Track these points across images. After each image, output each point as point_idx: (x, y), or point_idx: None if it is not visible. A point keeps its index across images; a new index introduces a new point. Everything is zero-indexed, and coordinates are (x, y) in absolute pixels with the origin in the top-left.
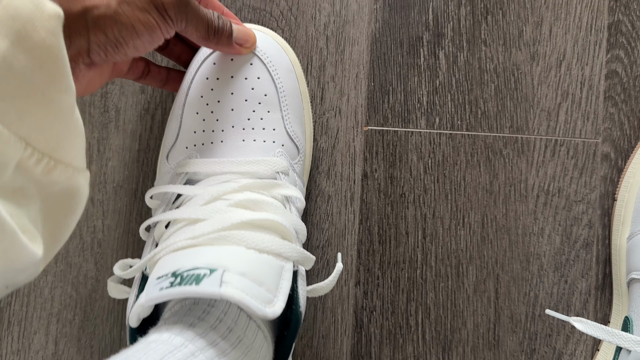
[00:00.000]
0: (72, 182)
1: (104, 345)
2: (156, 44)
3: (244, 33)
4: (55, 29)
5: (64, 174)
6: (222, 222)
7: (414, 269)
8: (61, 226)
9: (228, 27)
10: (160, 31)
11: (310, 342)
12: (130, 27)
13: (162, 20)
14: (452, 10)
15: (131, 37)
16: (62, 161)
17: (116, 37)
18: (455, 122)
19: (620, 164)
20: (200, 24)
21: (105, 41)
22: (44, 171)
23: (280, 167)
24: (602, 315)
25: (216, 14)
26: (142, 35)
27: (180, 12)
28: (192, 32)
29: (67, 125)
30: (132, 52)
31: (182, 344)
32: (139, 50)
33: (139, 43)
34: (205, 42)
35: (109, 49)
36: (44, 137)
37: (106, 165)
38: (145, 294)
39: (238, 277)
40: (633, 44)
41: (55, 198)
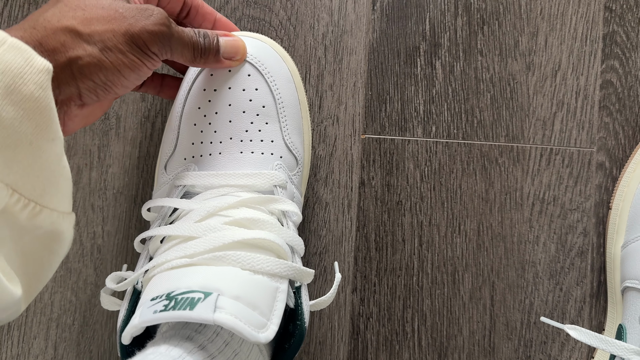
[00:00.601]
0: (56, 226)
1: (102, 350)
2: (145, 78)
3: (231, 46)
4: (44, 83)
5: (49, 219)
6: (216, 241)
7: (410, 276)
8: (43, 267)
9: (215, 44)
10: (146, 67)
11: (307, 349)
12: (115, 71)
13: (146, 58)
14: (449, 20)
15: (118, 79)
16: (48, 206)
17: (103, 82)
18: (451, 131)
19: (615, 172)
20: (186, 50)
21: (94, 86)
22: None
23: (278, 181)
24: (596, 322)
25: (202, 32)
26: (128, 75)
27: (164, 46)
28: (178, 58)
29: (53, 173)
30: (122, 91)
31: (179, 356)
32: (129, 88)
33: (127, 82)
34: (192, 64)
35: (99, 92)
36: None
37: (106, 172)
38: (139, 316)
39: (232, 302)
40: (628, 54)
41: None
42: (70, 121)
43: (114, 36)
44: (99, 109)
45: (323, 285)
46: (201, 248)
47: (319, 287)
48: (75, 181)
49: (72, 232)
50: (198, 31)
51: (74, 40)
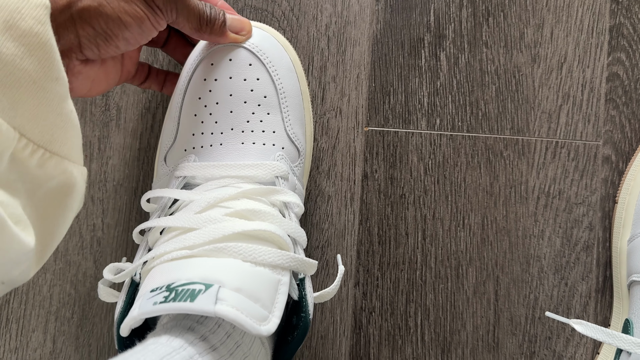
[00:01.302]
0: (68, 176)
1: (102, 343)
2: (148, 36)
3: (238, 21)
4: (42, 18)
5: (59, 167)
6: (216, 233)
7: (414, 270)
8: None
9: (221, 16)
10: (150, 22)
11: (308, 343)
12: (116, 18)
13: (149, 11)
14: (454, 12)
15: (119, 29)
16: (58, 153)
17: (104, 30)
18: (455, 124)
19: (621, 166)
20: (192, 15)
21: (94, 34)
22: (38, 163)
23: (280, 172)
24: (602, 318)
25: (208, 4)
26: (130, 26)
27: (168, 2)
28: (183, 24)
29: (60, 116)
30: (123, 45)
31: (180, 346)
32: (131, 43)
33: (129, 35)
34: (198, 34)
35: (99, 42)
36: (39, 128)
37: (107, 163)
38: (139, 307)
39: (233, 294)
40: (634, 46)
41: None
42: (74, 78)
43: None
44: (103, 77)
45: (325, 279)
46: (201, 239)
47: (321, 280)
48: None
49: (84, 186)
50: (204, 3)
51: None
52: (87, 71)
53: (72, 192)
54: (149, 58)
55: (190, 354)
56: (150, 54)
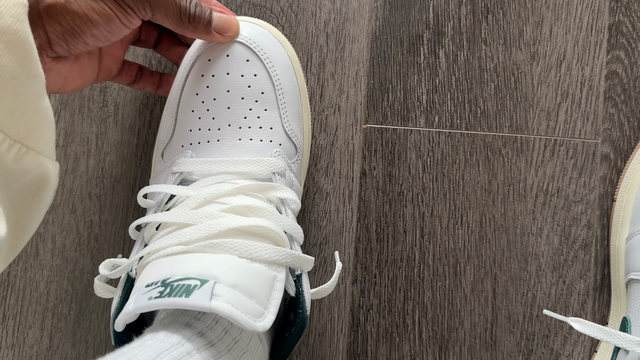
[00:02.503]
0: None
1: (99, 340)
2: (119, 34)
3: (224, 21)
4: (20, 15)
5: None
6: (212, 229)
7: (412, 267)
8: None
9: (207, 14)
10: (119, 20)
11: (306, 340)
12: (83, 15)
13: (119, 10)
14: (453, 9)
15: (86, 26)
16: (34, 148)
17: (71, 26)
18: (454, 121)
19: (619, 164)
20: (170, 11)
21: (62, 30)
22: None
23: (277, 168)
24: (600, 316)
25: (194, 1)
26: (97, 24)
27: (140, 1)
28: (162, 20)
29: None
30: (92, 41)
31: (178, 342)
32: (100, 40)
33: (98, 32)
34: (180, 30)
35: (67, 38)
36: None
37: (104, 159)
38: (134, 302)
39: (229, 290)
40: (634, 45)
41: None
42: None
43: None
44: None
45: (323, 276)
46: (197, 235)
47: (318, 278)
48: (73, 169)
49: (57, 180)
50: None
51: None
52: (58, 68)
53: (47, 186)
54: (146, 58)
55: (187, 349)
56: (151, 55)
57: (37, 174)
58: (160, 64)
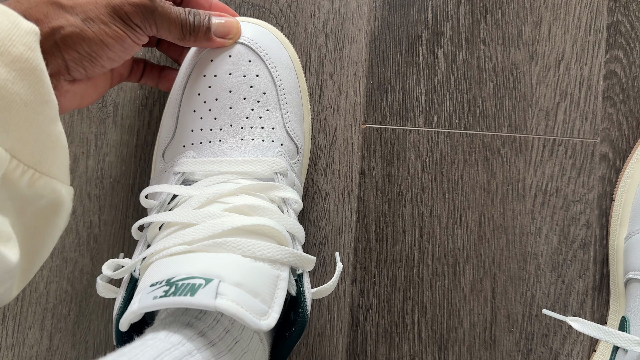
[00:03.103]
0: (56, 195)
1: (98, 340)
2: (132, 52)
3: (223, 26)
4: (32, 44)
5: (49, 187)
6: (215, 228)
7: (411, 267)
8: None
9: (205, 22)
10: (130, 39)
11: (305, 340)
12: (98, 41)
13: (129, 30)
14: (452, 9)
15: (102, 50)
16: (47, 174)
17: (88, 53)
18: (453, 121)
19: (618, 164)
20: (173, 26)
21: (79, 57)
22: (29, 183)
23: (279, 168)
24: (599, 316)
25: (192, 11)
26: (112, 47)
27: (146, 19)
28: (166, 35)
29: (50, 137)
30: (108, 64)
31: (179, 342)
32: (115, 61)
33: (112, 54)
34: (183, 42)
35: (85, 64)
36: (29, 150)
37: (103, 160)
38: (139, 302)
39: (233, 289)
40: (632, 44)
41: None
42: (62, 97)
43: (96, 7)
44: (92, 90)
45: (323, 276)
46: (200, 235)
47: (318, 277)
48: (72, 170)
49: (71, 205)
50: (188, 10)
51: (57, 12)
52: (74, 89)
53: (60, 211)
54: (145, 54)
55: (188, 349)
56: (146, 50)
57: (51, 199)
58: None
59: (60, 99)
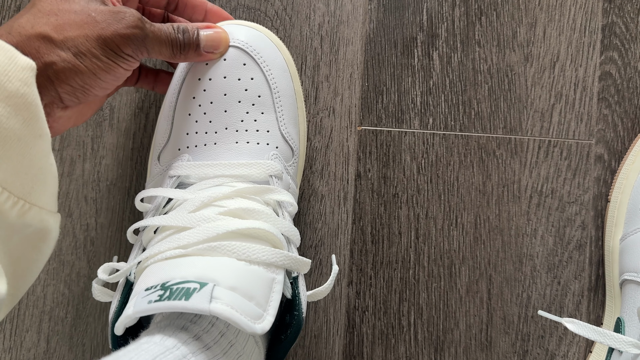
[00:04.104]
0: (45, 224)
1: (95, 343)
2: (124, 78)
3: (212, 40)
4: (28, 79)
5: (38, 217)
6: (210, 232)
7: (407, 269)
8: (31, 267)
9: (194, 39)
10: (122, 69)
11: (302, 342)
12: (91, 74)
13: (121, 60)
14: (446, 11)
15: (95, 82)
16: (37, 204)
17: (81, 85)
18: (448, 123)
19: (613, 165)
20: (164, 48)
21: (72, 90)
22: (18, 214)
23: (274, 171)
24: (595, 317)
25: (181, 28)
26: (104, 78)
27: (138, 48)
28: (157, 56)
29: (42, 170)
30: (101, 92)
31: (174, 346)
32: (108, 89)
33: (105, 84)
34: (173, 60)
35: (78, 94)
36: (20, 182)
37: (100, 163)
38: (134, 306)
39: (228, 293)
40: (627, 45)
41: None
42: (55, 123)
43: (87, 41)
44: (86, 109)
45: (319, 278)
46: (195, 238)
47: (314, 279)
48: (69, 173)
49: (58, 232)
50: (177, 27)
51: (48, 47)
52: (67, 114)
53: (47, 238)
54: None
55: (183, 353)
56: None
57: (39, 227)
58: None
59: (53, 124)
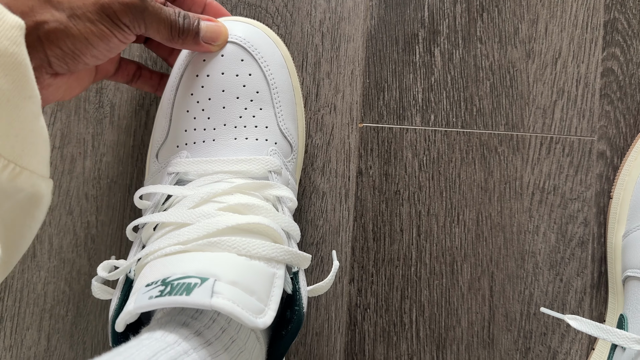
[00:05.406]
0: (36, 189)
1: (96, 341)
2: (117, 50)
3: (212, 31)
4: (17, 38)
5: (29, 181)
6: (210, 227)
7: (409, 266)
8: (23, 233)
9: (194, 26)
10: (117, 39)
11: (303, 340)
12: (82, 39)
13: (116, 29)
14: (448, 7)
15: (86, 48)
16: (27, 168)
17: (71, 50)
18: (450, 120)
19: (616, 161)
20: (162, 27)
21: (62, 54)
22: (9, 177)
23: (273, 166)
24: (597, 314)
25: (182, 12)
26: (97, 45)
27: (136, 18)
28: (154, 35)
29: (32, 132)
30: (92, 61)
31: (175, 342)
32: (100, 59)
33: (97, 52)
34: (170, 43)
35: (68, 60)
36: (10, 144)
37: (100, 160)
38: (134, 302)
39: (229, 287)
40: (629, 41)
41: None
42: (44, 90)
43: (84, 4)
44: (76, 83)
45: (320, 275)
46: (195, 234)
47: (316, 277)
48: (69, 170)
49: (50, 197)
50: (179, 11)
51: (42, 5)
52: (57, 82)
53: (39, 204)
54: (142, 58)
55: (184, 349)
56: (147, 55)
57: (30, 192)
58: (157, 64)
59: (42, 91)
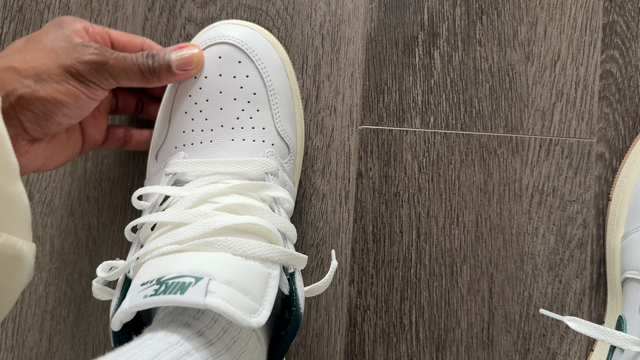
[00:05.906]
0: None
1: (97, 342)
2: (89, 108)
3: (183, 58)
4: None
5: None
6: (206, 227)
7: (408, 268)
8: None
9: (164, 61)
10: (85, 96)
11: (303, 341)
12: (52, 100)
13: (83, 86)
14: (447, 10)
15: (57, 108)
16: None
17: (42, 111)
18: (449, 122)
19: (614, 163)
20: (132, 73)
21: (34, 117)
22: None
23: (270, 168)
24: (596, 315)
25: (148, 53)
26: (66, 104)
27: (100, 74)
28: (127, 83)
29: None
30: (65, 121)
31: (177, 342)
32: (72, 117)
33: (68, 111)
34: (147, 85)
35: (40, 122)
36: None
37: (102, 162)
38: (129, 301)
39: (223, 287)
40: (628, 44)
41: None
42: (22, 157)
43: (48, 69)
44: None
45: (320, 277)
46: (191, 234)
47: (316, 278)
48: (71, 172)
49: (33, 261)
50: (145, 53)
51: (12, 76)
52: (34, 149)
53: (21, 267)
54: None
55: (187, 349)
56: None
57: (11, 256)
58: None
59: (20, 159)
